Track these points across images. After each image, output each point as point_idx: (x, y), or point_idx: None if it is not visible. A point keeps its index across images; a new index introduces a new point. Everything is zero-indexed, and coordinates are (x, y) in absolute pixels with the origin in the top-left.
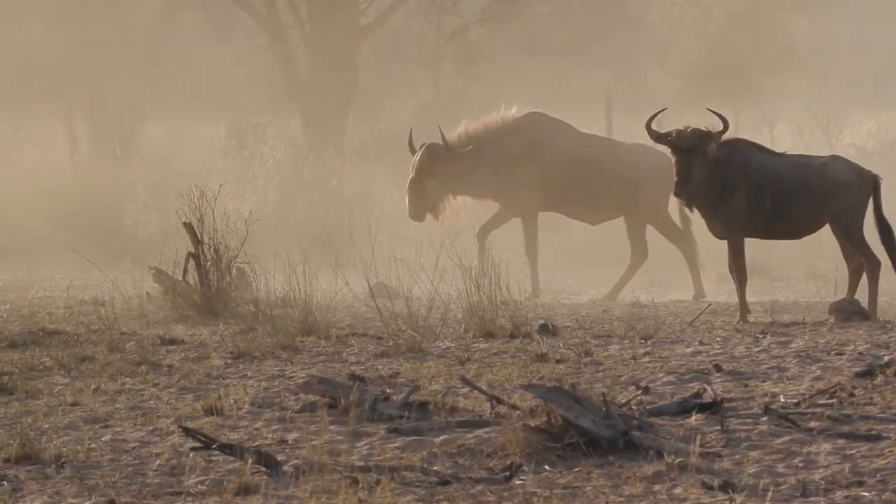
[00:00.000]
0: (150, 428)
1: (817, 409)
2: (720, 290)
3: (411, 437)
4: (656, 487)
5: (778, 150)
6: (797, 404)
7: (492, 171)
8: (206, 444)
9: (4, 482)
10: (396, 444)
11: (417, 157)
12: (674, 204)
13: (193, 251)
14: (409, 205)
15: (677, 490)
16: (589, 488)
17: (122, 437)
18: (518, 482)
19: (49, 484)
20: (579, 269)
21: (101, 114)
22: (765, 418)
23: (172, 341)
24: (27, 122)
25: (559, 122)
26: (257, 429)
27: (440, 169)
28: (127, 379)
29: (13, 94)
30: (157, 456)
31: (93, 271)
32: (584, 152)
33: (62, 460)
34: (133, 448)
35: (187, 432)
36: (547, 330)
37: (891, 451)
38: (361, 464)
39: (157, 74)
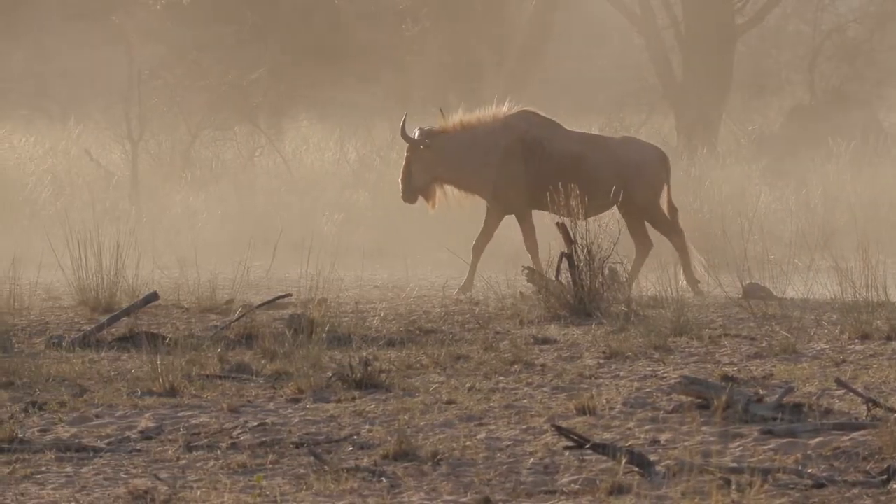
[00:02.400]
0: (524, 426)
1: None
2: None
3: (785, 439)
4: None
5: None
6: None
7: (476, 165)
8: (580, 443)
9: (383, 478)
10: (769, 446)
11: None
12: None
13: (566, 251)
14: (401, 187)
15: None
16: None
17: (496, 436)
18: (895, 486)
19: (426, 481)
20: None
21: None
22: None
23: (545, 340)
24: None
25: (549, 121)
26: (629, 428)
27: (422, 154)
28: (501, 378)
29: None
30: (531, 454)
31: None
32: (571, 149)
33: (438, 457)
34: (507, 446)
35: (560, 431)
36: None
37: None
38: (734, 465)
39: (528, 73)
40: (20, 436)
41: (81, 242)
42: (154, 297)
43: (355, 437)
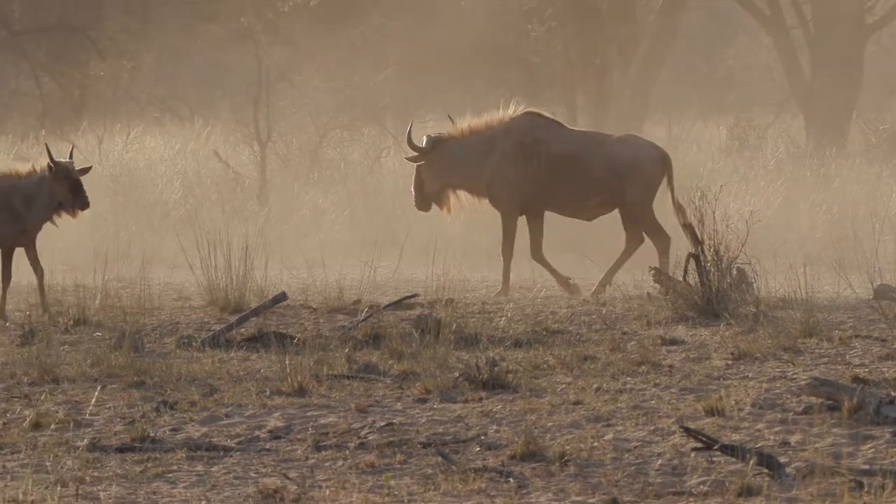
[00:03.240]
0: (652, 427)
1: None
2: None
3: None
4: None
5: None
6: None
7: (478, 168)
8: (708, 444)
9: (511, 479)
10: None
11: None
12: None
13: (693, 251)
14: (413, 195)
15: None
16: None
17: (623, 437)
18: None
19: (553, 481)
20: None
21: (603, 114)
22: None
23: (673, 341)
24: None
25: (551, 122)
26: (759, 430)
27: (431, 162)
28: (628, 378)
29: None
30: (659, 455)
31: (594, 271)
32: (567, 150)
33: (566, 458)
34: (635, 447)
35: (689, 432)
36: None
37: None
38: (866, 467)
39: (655, 73)
40: (152, 435)
41: (211, 243)
42: (283, 297)
43: (483, 437)
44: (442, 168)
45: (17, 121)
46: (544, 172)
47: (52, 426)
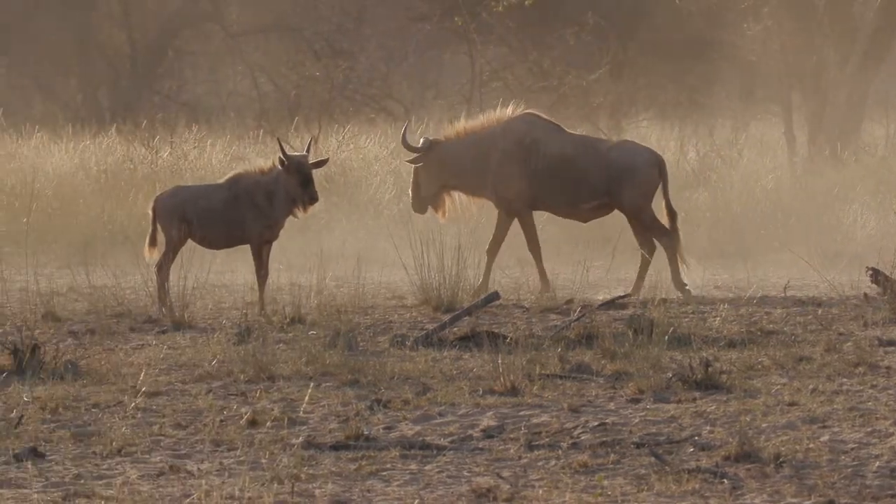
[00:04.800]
0: (869, 429)
1: None
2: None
3: None
4: None
5: None
6: None
7: (478, 169)
8: None
9: (725, 480)
10: None
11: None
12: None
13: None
14: (411, 197)
15: None
16: None
17: (840, 438)
18: None
19: (768, 482)
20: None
21: (820, 113)
22: None
23: (891, 342)
24: (748, 123)
25: (550, 124)
26: None
27: (428, 163)
28: (844, 380)
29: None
30: (877, 458)
31: (809, 272)
32: (563, 152)
33: (781, 459)
34: (851, 449)
35: None
36: None
37: None
38: None
39: (874, 71)
40: (365, 433)
41: (424, 242)
42: (495, 296)
43: (696, 437)
44: (439, 170)
45: (234, 121)
46: (540, 173)
47: (268, 424)
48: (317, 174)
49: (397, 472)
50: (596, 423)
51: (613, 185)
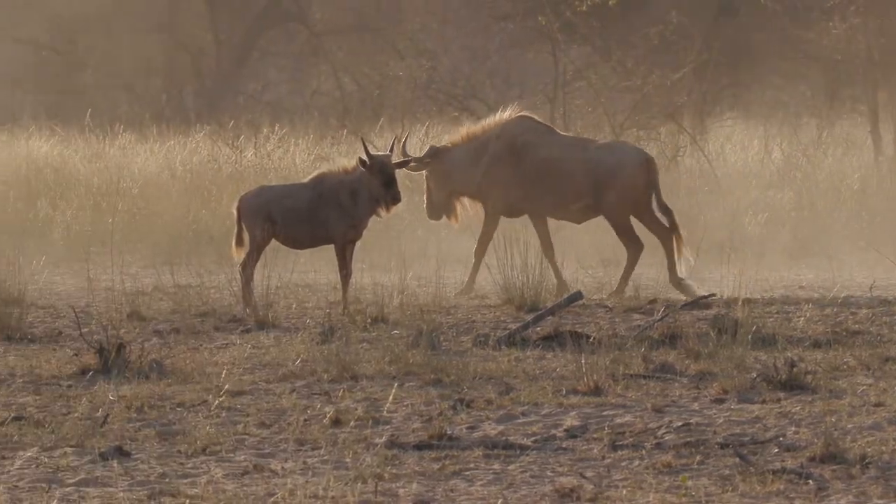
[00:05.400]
0: None
1: None
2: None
3: None
4: None
5: None
6: None
7: (472, 172)
8: None
9: (810, 480)
10: None
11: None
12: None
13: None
14: (425, 205)
15: None
16: None
17: None
18: None
19: (854, 484)
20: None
21: None
22: None
23: None
24: (833, 123)
25: (542, 126)
26: None
27: (435, 170)
28: None
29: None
30: None
31: (895, 271)
32: (550, 154)
33: (867, 460)
34: None
35: None
36: None
37: None
38: None
39: None
40: (449, 433)
41: (507, 242)
42: (578, 296)
43: (781, 438)
44: (445, 176)
45: (317, 121)
46: (529, 175)
47: (352, 423)
48: (399, 174)
49: (480, 471)
50: (680, 424)
51: (598, 186)
